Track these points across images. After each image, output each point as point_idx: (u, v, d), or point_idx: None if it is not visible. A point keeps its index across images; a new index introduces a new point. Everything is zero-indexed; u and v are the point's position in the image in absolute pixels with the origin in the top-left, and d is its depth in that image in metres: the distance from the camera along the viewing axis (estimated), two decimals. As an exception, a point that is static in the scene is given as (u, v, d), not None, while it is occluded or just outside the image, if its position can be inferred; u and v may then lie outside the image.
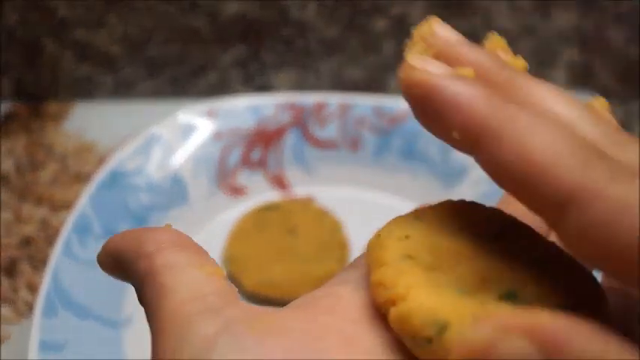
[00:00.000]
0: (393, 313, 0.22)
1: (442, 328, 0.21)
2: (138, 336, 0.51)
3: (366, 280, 0.25)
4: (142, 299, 0.26)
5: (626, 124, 0.71)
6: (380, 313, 0.23)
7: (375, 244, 0.25)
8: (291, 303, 0.26)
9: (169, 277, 0.25)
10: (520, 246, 0.25)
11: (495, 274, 0.23)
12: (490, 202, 0.57)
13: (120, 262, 0.27)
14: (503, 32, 0.27)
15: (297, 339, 0.23)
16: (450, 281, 0.23)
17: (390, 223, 0.26)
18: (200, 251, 0.26)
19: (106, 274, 0.52)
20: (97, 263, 0.29)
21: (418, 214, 0.26)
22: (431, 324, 0.21)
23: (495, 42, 0.27)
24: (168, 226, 0.28)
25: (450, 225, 0.25)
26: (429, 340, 0.21)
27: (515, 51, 0.27)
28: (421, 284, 0.23)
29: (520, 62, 0.26)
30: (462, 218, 0.26)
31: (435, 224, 0.26)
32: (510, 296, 0.23)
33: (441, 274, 0.23)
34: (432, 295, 0.22)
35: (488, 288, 0.23)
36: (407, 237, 0.25)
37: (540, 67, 0.72)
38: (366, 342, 0.23)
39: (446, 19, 0.27)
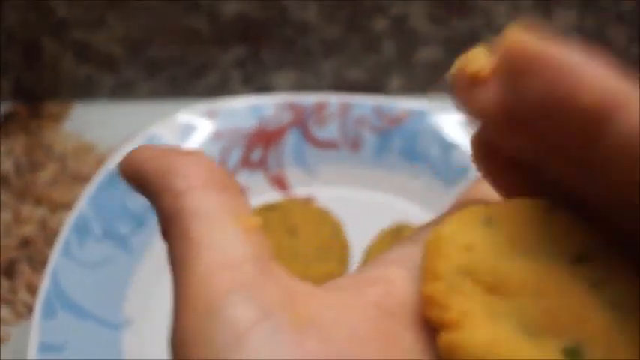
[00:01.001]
0: (444, 338, 0.20)
1: None
2: (138, 337, 0.51)
3: (422, 271, 0.22)
4: (166, 239, 0.22)
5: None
6: (429, 324, 0.21)
7: (434, 246, 0.22)
8: (336, 282, 0.23)
9: (200, 230, 0.21)
10: (600, 278, 0.22)
11: (564, 316, 0.21)
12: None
13: (143, 185, 0.24)
14: (504, 32, 0.27)
15: (339, 340, 0.20)
16: (511, 312, 0.21)
17: (455, 221, 0.23)
18: (236, 193, 0.23)
19: (106, 276, 0.52)
20: (120, 173, 0.25)
21: (489, 216, 0.23)
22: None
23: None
24: (202, 153, 0.24)
25: (524, 238, 0.22)
26: None
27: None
28: (477, 311, 0.20)
29: None
30: (539, 230, 0.22)
31: (506, 234, 0.22)
32: (575, 353, 0.20)
33: (502, 301, 0.21)
34: (489, 329, 0.20)
35: (553, 332, 0.20)
36: (470, 248, 0.22)
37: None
38: (407, 350, 0.21)
39: (446, 19, 0.27)
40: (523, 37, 0.21)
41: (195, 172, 0.23)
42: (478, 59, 0.23)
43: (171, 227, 0.22)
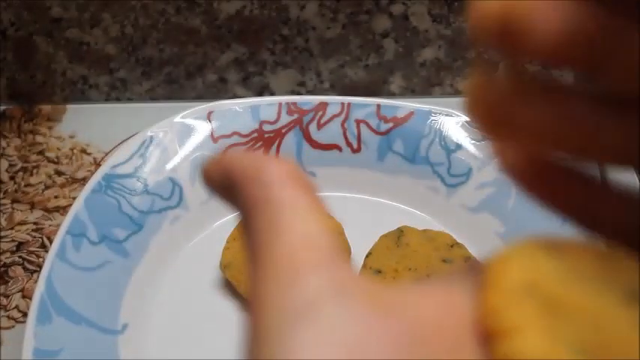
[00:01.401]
0: (500, 347, 0.21)
1: None
2: (134, 343, 0.50)
3: (483, 288, 0.23)
4: (248, 229, 0.24)
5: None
6: (485, 336, 0.22)
7: (499, 264, 0.23)
8: (408, 285, 0.24)
9: (288, 216, 0.23)
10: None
11: (617, 351, 0.21)
12: (493, 204, 0.57)
13: (230, 181, 0.26)
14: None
15: (411, 325, 0.21)
16: (568, 335, 0.21)
17: (518, 248, 0.24)
18: (318, 195, 0.25)
19: (102, 280, 0.51)
20: (200, 173, 0.28)
21: (551, 250, 0.24)
22: None
23: None
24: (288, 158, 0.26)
25: (584, 269, 0.23)
26: None
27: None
28: (536, 325, 0.21)
29: None
30: (598, 263, 0.23)
31: (567, 263, 0.23)
32: None
33: (560, 323, 0.21)
34: (547, 342, 0.20)
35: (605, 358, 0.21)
36: (534, 270, 0.22)
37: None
38: (471, 356, 0.21)
39: (448, 18, 0.26)
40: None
41: (283, 169, 0.25)
42: None
43: (257, 214, 0.24)
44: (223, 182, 0.26)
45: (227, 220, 0.59)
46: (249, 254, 0.24)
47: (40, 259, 0.58)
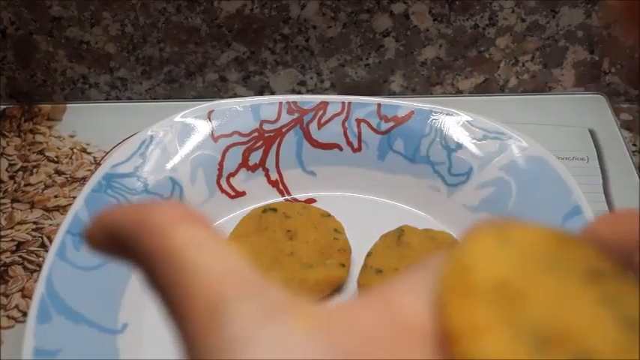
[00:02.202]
0: (460, 348, 0.20)
1: None
2: (134, 343, 0.50)
3: (438, 287, 0.23)
4: (156, 281, 0.23)
5: (633, 125, 0.70)
6: (444, 336, 0.21)
7: (454, 261, 0.23)
8: (339, 303, 0.23)
9: (192, 255, 0.22)
10: (610, 294, 0.23)
11: (574, 330, 0.21)
12: (494, 203, 0.57)
13: (118, 239, 0.24)
14: (509, 31, 0.26)
15: (346, 341, 0.21)
16: (526, 324, 0.21)
17: (474, 240, 0.24)
18: (211, 225, 0.24)
19: (102, 280, 0.51)
20: (82, 238, 0.26)
21: (507, 236, 0.24)
22: None
23: None
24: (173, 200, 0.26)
25: (539, 256, 0.23)
26: None
27: (522, 50, 0.26)
28: (497, 321, 0.21)
29: None
30: (552, 249, 0.24)
31: (523, 252, 0.23)
32: None
33: (519, 313, 0.21)
34: (507, 342, 0.20)
35: (563, 345, 0.21)
36: (490, 262, 0.22)
37: (547, 66, 0.71)
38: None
39: (450, 17, 0.26)
40: None
41: (170, 211, 0.24)
42: None
43: (161, 263, 0.23)
44: (110, 242, 0.25)
45: (227, 219, 0.59)
46: (163, 307, 0.23)
47: (40, 259, 0.58)
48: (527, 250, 0.23)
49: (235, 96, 0.72)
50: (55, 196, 0.63)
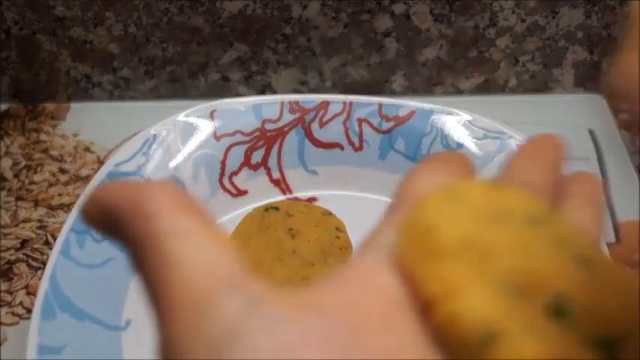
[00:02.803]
0: (442, 310, 0.21)
1: (492, 338, 0.20)
2: (137, 339, 0.50)
3: (403, 255, 0.23)
4: (141, 266, 0.23)
5: (633, 125, 0.71)
6: (422, 300, 0.22)
7: (421, 224, 0.23)
8: (318, 281, 0.23)
9: (178, 246, 0.22)
10: (558, 236, 0.23)
11: (540, 275, 0.22)
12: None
13: (110, 218, 0.24)
14: (509, 31, 0.27)
15: (333, 317, 0.21)
16: (499, 278, 0.21)
17: (427, 202, 0.23)
18: (205, 214, 0.24)
19: (105, 277, 0.51)
20: (80, 214, 0.25)
21: (455, 194, 0.24)
22: (482, 332, 0.20)
23: None
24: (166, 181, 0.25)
25: (486, 209, 0.24)
26: (476, 348, 0.20)
27: (522, 51, 0.27)
28: (475, 280, 0.21)
29: None
30: (494, 201, 0.24)
31: (471, 207, 0.23)
32: (557, 310, 0.21)
33: (489, 267, 0.22)
34: (486, 297, 0.21)
35: (534, 292, 0.21)
36: (451, 221, 0.23)
37: (547, 66, 0.72)
38: (405, 329, 0.21)
39: (450, 17, 0.26)
40: None
41: (163, 196, 0.23)
42: None
43: (147, 249, 0.22)
44: (104, 219, 0.24)
45: (229, 218, 0.59)
46: (147, 294, 0.22)
47: (44, 257, 0.58)
48: (475, 205, 0.23)
49: (237, 95, 0.72)
50: (59, 195, 0.63)
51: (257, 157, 0.61)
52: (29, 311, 0.54)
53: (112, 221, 0.24)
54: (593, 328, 0.21)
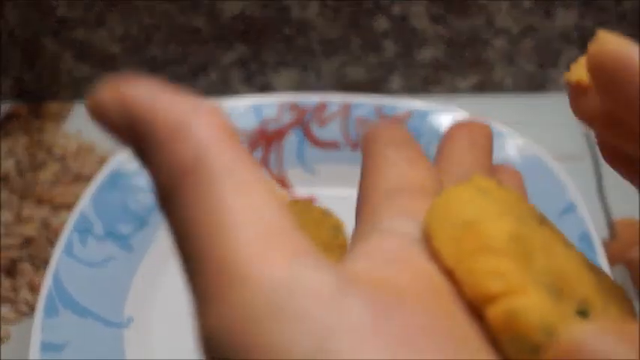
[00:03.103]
0: (499, 308, 0.19)
1: (550, 338, 0.19)
2: (139, 336, 0.51)
3: (435, 248, 0.21)
4: (177, 199, 0.18)
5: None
6: (472, 300, 0.20)
7: (464, 219, 0.21)
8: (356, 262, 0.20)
9: (233, 192, 0.18)
10: (561, 238, 0.23)
11: (569, 277, 0.21)
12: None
13: (136, 129, 0.20)
14: (504, 32, 0.27)
15: (382, 297, 0.18)
16: (541, 277, 0.20)
17: (461, 196, 0.22)
18: (254, 158, 0.20)
19: (107, 275, 0.52)
20: (89, 105, 0.21)
21: (481, 189, 0.23)
22: (542, 331, 0.19)
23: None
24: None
25: (508, 207, 0.22)
26: (534, 347, 0.19)
27: (517, 51, 0.27)
28: (527, 277, 0.20)
29: None
30: (507, 200, 0.23)
31: (499, 201, 0.22)
32: (583, 314, 0.20)
33: (533, 265, 0.20)
34: (542, 295, 0.20)
35: (567, 294, 0.21)
36: (497, 215, 0.21)
37: (543, 66, 0.72)
38: (459, 321, 0.19)
39: (447, 18, 0.27)
40: (605, 44, 0.21)
41: (215, 121, 0.19)
42: (579, 69, 0.24)
43: (191, 185, 0.18)
44: (124, 127, 0.20)
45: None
46: (172, 235, 0.19)
47: (47, 255, 0.58)
48: (500, 201, 0.22)
49: (237, 95, 0.72)
50: (62, 194, 0.63)
51: (256, 156, 0.61)
52: (32, 308, 0.55)
53: (136, 133, 0.20)
54: None
